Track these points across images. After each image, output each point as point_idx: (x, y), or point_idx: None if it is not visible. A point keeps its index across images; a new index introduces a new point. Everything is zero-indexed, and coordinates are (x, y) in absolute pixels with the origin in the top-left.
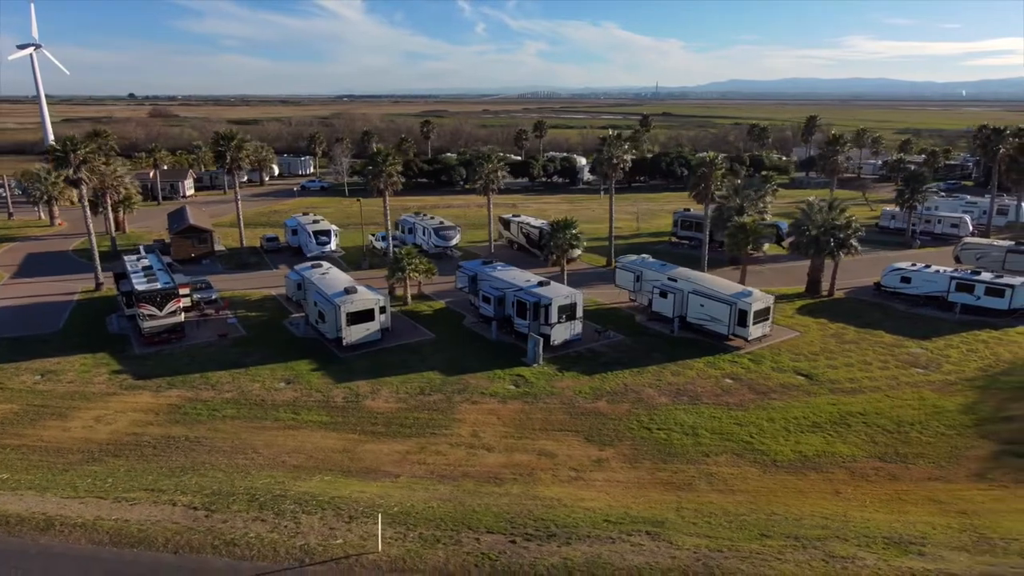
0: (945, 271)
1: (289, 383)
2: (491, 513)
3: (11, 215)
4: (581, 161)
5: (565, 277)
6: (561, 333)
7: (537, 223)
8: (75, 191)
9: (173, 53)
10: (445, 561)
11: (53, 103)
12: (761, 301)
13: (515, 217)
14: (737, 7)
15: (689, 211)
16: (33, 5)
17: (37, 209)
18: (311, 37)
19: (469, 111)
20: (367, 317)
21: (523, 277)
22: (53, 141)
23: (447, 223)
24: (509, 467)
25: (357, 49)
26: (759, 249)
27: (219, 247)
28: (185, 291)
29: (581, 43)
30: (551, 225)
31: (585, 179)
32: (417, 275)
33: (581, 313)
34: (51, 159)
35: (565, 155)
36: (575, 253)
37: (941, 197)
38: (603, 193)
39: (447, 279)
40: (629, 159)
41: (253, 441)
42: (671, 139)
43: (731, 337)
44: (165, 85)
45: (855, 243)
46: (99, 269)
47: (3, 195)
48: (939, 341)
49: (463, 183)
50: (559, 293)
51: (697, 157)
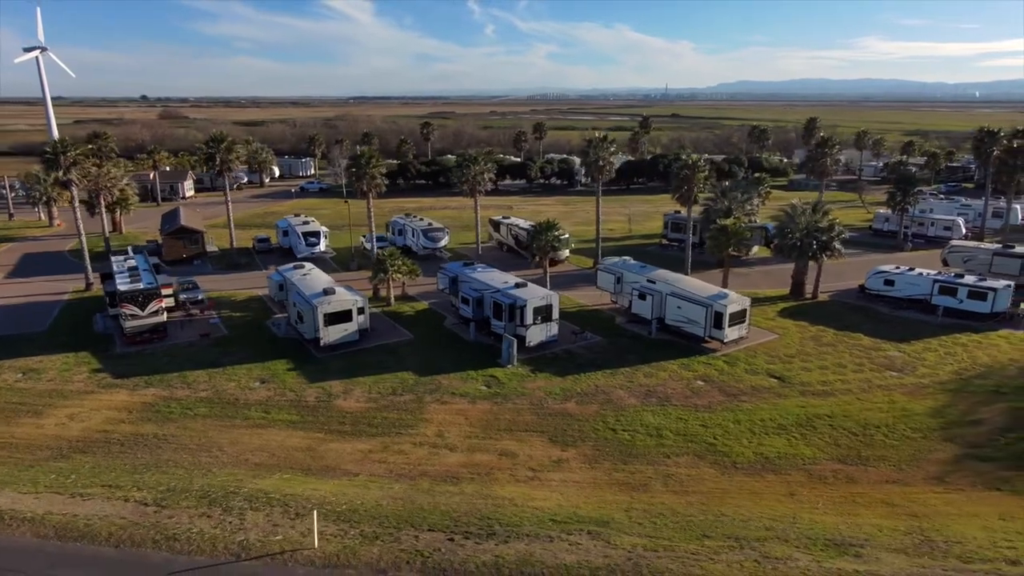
0: (928, 274)
1: (264, 382)
2: (438, 512)
3: (12, 216)
4: (579, 163)
5: (547, 278)
6: (536, 334)
7: (526, 225)
8: (68, 191)
9: (186, 55)
10: (378, 557)
11: (66, 105)
12: (737, 304)
13: (505, 219)
14: (749, 9)
15: (679, 213)
16: (39, 8)
17: (37, 210)
18: (322, 39)
19: (477, 112)
20: (345, 318)
21: (501, 279)
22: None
23: (436, 225)
24: (468, 467)
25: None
26: (748, 251)
27: (211, 248)
28: (168, 291)
29: (591, 45)
30: (533, 227)
31: (583, 181)
32: (400, 276)
33: (557, 315)
34: (42, 161)
35: (563, 157)
36: (563, 255)
37: (936, 199)
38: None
39: (434, 280)
40: (616, 161)
41: (219, 439)
42: (673, 140)
43: (707, 339)
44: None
45: (838, 246)
46: (89, 269)
47: (6, 195)
48: (918, 344)
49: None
50: (534, 295)
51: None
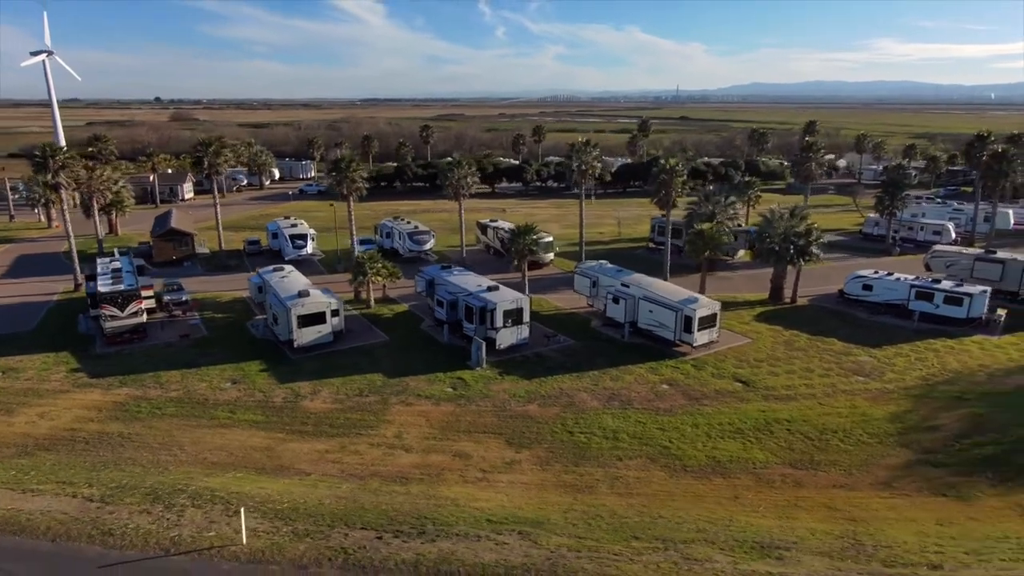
0: (905, 279)
1: (235, 383)
2: (377, 511)
3: (12, 217)
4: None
5: (526, 281)
6: (507, 337)
7: (510, 228)
8: (58, 194)
9: (200, 58)
10: (303, 554)
11: (80, 107)
12: (707, 308)
13: (492, 222)
14: (761, 10)
15: (665, 216)
16: (46, 13)
17: (37, 211)
18: (334, 42)
19: (485, 115)
20: (318, 320)
21: (476, 282)
22: (64, 145)
23: (421, 228)
24: (421, 467)
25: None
26: (733, 255)
27: (202, 249)
28: (149, 293)
29: (601, 46)
30: (509, 231)
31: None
32: (380, 279)
33: (528, 318)
34: (32, 164)
35: (560, 160)
36: (547, 258)
37: (928, 204)
38: (594, 198)
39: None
40: (613, 164)
41: (182, 438)
42: (675, 143)
43: (678, 343)
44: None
45: (815, 250)
46: (78, 270)
47: (7, 197)
48: (890, 349)
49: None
50: (505, 298)
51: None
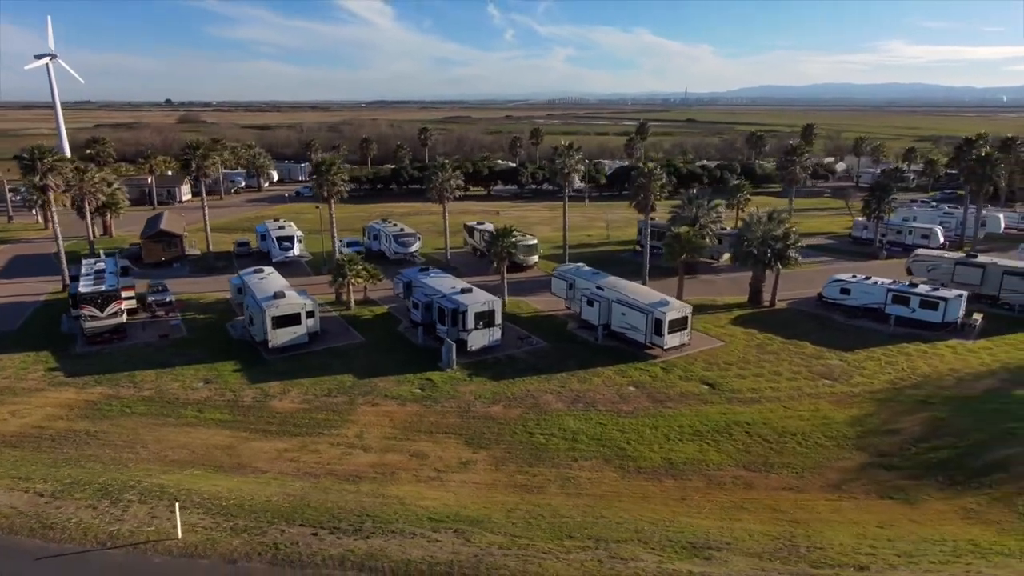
0: (882, 283)
1: (208, 383)
2: (321, 509)
3: (11, 218)
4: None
5: (505, 284)
6: (478, 339)
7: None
8: (46, 196)
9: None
10: (233, 549)
11: (93, 109)
12: (677, 311)
13: (478, 225)
14: (770, 13)
15: (653, 220)
16: (50, 17)
17: (34, 213)
18: (343, 44)
19: (492, 117)
20: (293, 321)
21: (451, 284)
22: (67, 148)
23: (407, 230)
24: (376, 466)
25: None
26: (718, 258)
27: (193, 251)
28: (130, 294)
29: (610, 49)
30: (490, 234)
31: (576, 186)
32: (361, 281)
33: (500, 320)
34: (20, 167)
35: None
36: (532, 260)
37: (920, 207)
38: (588, 201)
39: None
40: (583, 168)
41: (146, 437)
42: (676, 146)
43: (650, 345)
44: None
45: (793, 254)
46: (66, 271)
47: (5, 199)
48: (861, 353)
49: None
50: (476, 300)
51: (682, 166)
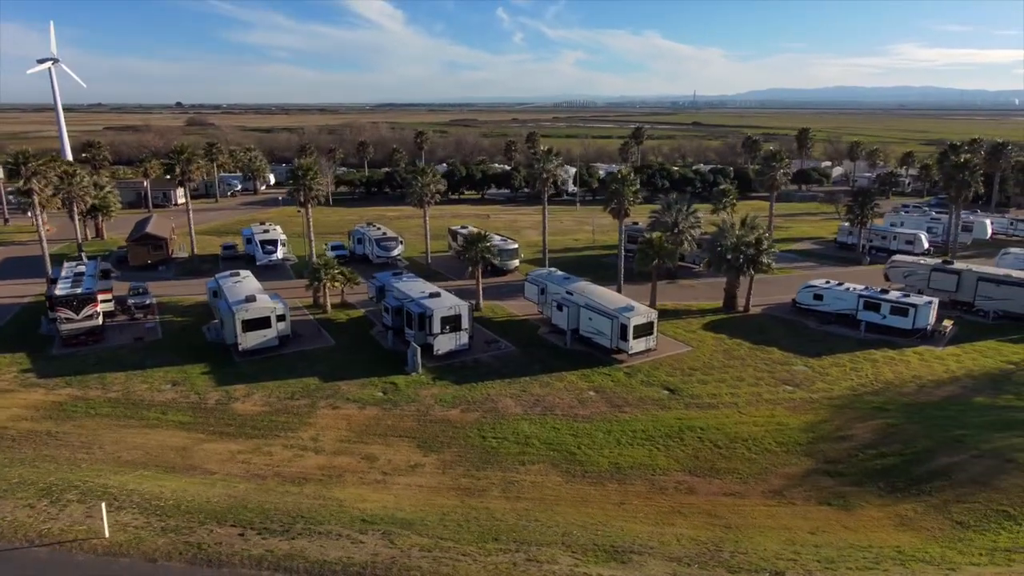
0: (854, 289)
1: (175, 385)
2: (257, 510)
3: (7, 221)
4: (565, 173)
5: (480, 288)
6: (445, 343)
7: None
8: (39, 199)
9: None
10: (156, 548)
11: (104, 112)
12: (642, 316)
13: (462, 229)
14: (780, 15)
15: (637, 224)
16: (53, 23)
17: (30, 215)
18: (355, 48)
19: (499, 120)
20: (263, 324)
21: (421, 288)
22: (69, 151)
23: (389, 234)
24: (324, 469)
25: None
26: (700, 263)
27: (180, 254)
28: (106, 296)
29: (620, 52)
30: (465, 238)
31: (570, 190)
32: (337, 284)
33: (468, 324)
34: (4, 171)
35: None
36: (512, 264)
37: (907, 213)
38: (579, 205)
39: None
40: (562, 174)
41: (105, 438)
42: (674, 150)
43: (616, 350)
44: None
45: (766, 260)
46: (50, 274)
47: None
48: (828, 359)
49: (446, 194)
50: (443, 304)
51: (675, 170)
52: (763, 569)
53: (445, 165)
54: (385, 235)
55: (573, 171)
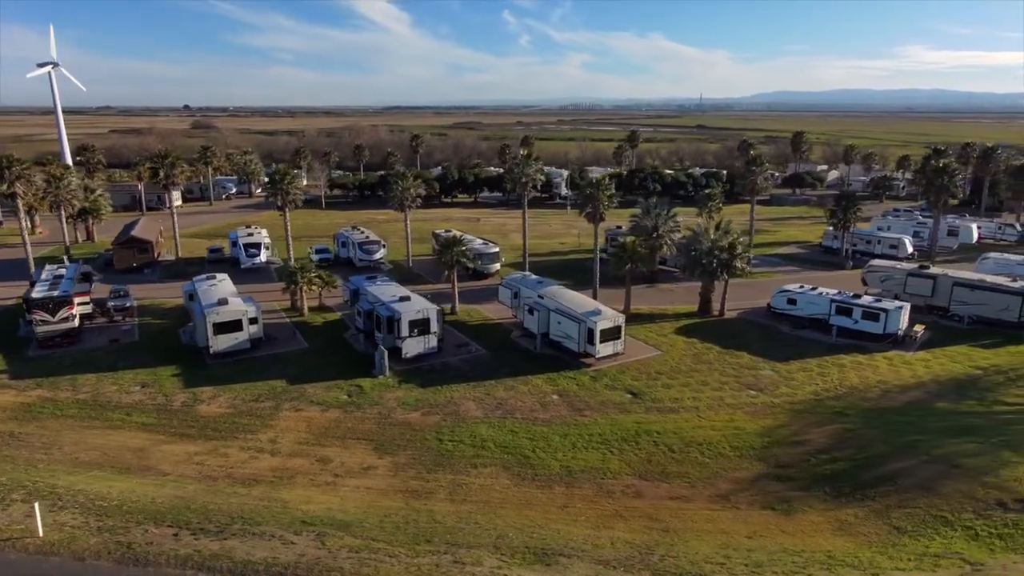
0: (827, 293)
1: (144, 387)
2: (200, 510)
3: (1, 223)
4: (558, 176)
5: (455, 292)
6: (413, 347)
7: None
8: (23, 202)
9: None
10: (86, 547)
11: (112, 114)
12: (610, 320)
13: (446, 232)
14: (788, 17)
15: (620, 228)
16: (52, 26)
17: (24, 218)
18: (360, 50)
19: (502, 123)
20: (235, 327)
21: (392, 292)
22: (68, 155)
23: (372, 238)
24: (277, 470)
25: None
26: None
27: (167, 257)
28: (83, 299)
29: (625, 54)
30: (440, 243)
31: (563, 194)
32: (315, 288)
33: (437, 328)
34: None
35: (539, 169)
36: (493, 268)
37: (894, 217)
38: (570, 208)
39: None
40: (542, 178)
41: (65, 439)
42: (672, 153)
43: (584, 354)
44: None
45: (739, 265)
46: (33, 276)
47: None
48: (795, 364)
49: (438, 197)
50: (411, 308)
51: (667, 174)
52: (689, 572)
53: (440, 168)
54: (368, 239)
55: (566, 174)
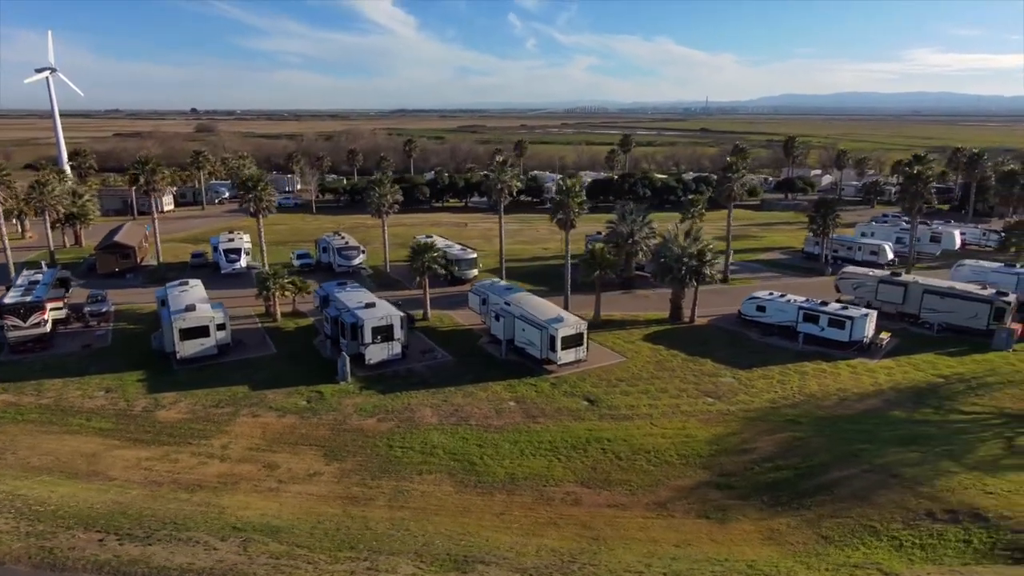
0: (795, 301)
1: (108, 392)
2: (133, 516)
3: None
4: (548, 181)
5: (427, 298)
6: (376, 353)
7: (441, 244)
8: (2, 208)
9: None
10: (9, 552)
11: (121, 118)
12: (571, 327)
13: (426, 238)
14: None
15: (600, 234)
16: (50, 32)
17: (15, 222)
18: (367, 53)
19: (506, 126)
20: (202, 333)
21: (359, 298)
22: (66, 159)
23: (351, 243)
24: (223, 476)
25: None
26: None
27: (151, 262)
28: (57, 305)
29: (632, 57)
30: (412, 249)
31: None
32: (287, 294)
33: (401, 334)
34: None
35: (533, 175)
36: (470, 274)
37: (877, 223)
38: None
39: None
40: (518, 184)
41: (21, 443)
42: (668, 157)
43: (547, 361)
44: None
45: (708, 271)
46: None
47: None
48: (758, 372)
49: (429, 202)
50: (375, 315)
51: (657, 178)
52: None
53: (432, 173)
54: (347, 244)
55: (559, 178)
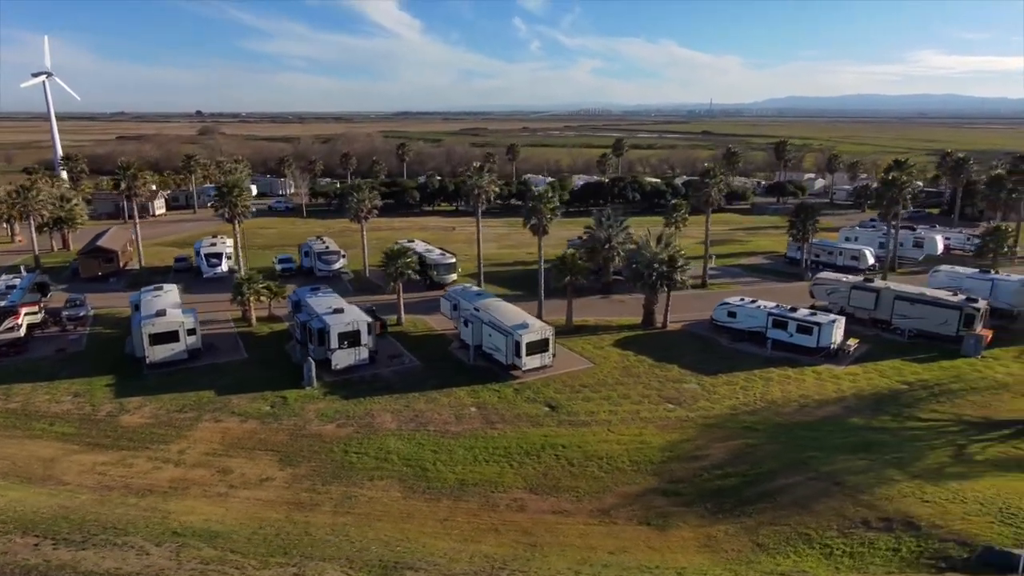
0: (764, 306)
1: (76, 397)
2: (75, 520)
3: None
4: (540, 185)
5: (401, 303)
6: (343, 358)
7: (421, 249)
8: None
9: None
10: None
11: (126, 120)
12: (536, 333)
13: (408, 242)
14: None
15: (580, 239)
16: (47, 38)
17: (5, 226)
18: (371, 56)
19: (509, 129)
20: (172, 338)
21: (328, 303)
22: (62, 161)
23: (332, 248)
24: (175, 481)
25: (414, 67)
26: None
27: (133, 266)
28: (32, 309)
29: (636, 60)
30: (386, 254)
31: None
32: (262, 299)
33: (368, 340)
34: None
35: (524, 178)
36: (449, 278)
37: (861, 228)
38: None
39: None
40: (496, 188)
41: None
42: (663, 160)
43: (512, 366)
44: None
45: (679, 277)
46: None
47: None
48: (723, 378)
49: (419, 206)
50: (341, 321)
51: (647, 182)
52: None
53: (423, 177)
54: (327, 249)
55: (549, 180)
